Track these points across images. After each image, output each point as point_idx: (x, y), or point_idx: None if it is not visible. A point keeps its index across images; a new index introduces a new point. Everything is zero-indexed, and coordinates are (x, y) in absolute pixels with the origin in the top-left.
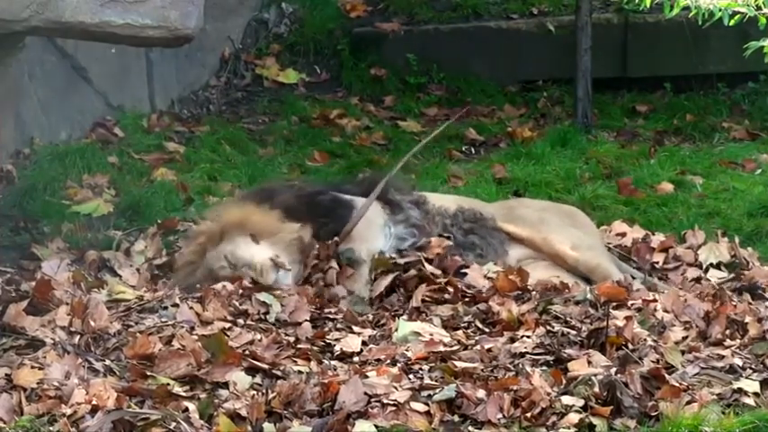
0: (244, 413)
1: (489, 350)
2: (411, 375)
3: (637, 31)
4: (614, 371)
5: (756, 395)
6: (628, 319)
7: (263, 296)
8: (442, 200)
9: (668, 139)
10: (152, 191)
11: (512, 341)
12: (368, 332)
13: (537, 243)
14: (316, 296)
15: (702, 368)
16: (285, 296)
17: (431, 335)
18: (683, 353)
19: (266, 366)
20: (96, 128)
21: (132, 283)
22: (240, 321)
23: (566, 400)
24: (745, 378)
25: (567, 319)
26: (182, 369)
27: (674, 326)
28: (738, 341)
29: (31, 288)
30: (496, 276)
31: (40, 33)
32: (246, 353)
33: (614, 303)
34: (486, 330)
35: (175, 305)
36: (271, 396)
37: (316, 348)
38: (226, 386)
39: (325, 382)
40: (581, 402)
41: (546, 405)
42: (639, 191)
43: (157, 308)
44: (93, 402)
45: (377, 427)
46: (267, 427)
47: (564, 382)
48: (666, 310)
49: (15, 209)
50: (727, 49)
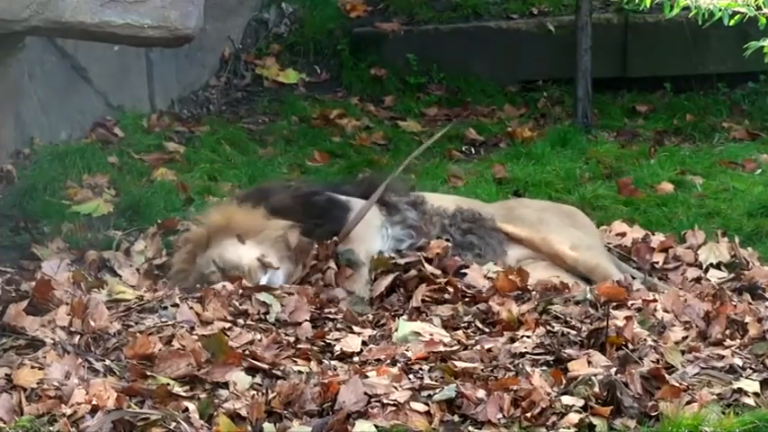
0: (244, 413)
1: (489, 350)
2: (411, 375)
3: (637, 31)
4: (614, 371)
5: (756, 395)
6: (628, 319)
7: (263, 296)
8: (440, 200)
9: (668, 139)
10: (152, 191)
11: (512, 341)
12: (368, 332)
13: (536, 243)
14: (315, 296)
15: (702, 368)
16: (285, 296)
17: (431, 335)
18: (683, 353)
19: (266, 366)
20: (96, 128)
21: (132, 283)
22: (240, 321)
23: (566, 400)
24: (745, 378)
25: (567, 319)
26: (182, 369)
27: (674, 326)
28: (738, 341)
29: (31, 288)
30: (496, 276)
31: (40, 33)
32: (246, 353)
33: (614, 303)
34: (486, 330)
35: (175, 305)
36: (271, 396)
37: (316, 348)
38: (226, 386)
39: (325, 382)
40: (581, 402)
41: (546, 405)
42: (639, 191)
43: (157, 308)
44: (93, 402)
45: (377, 427)
46: (267, 427)
47: (564, 382)
48: (666, 310)
49: (15, 209)
50: (727, 49)
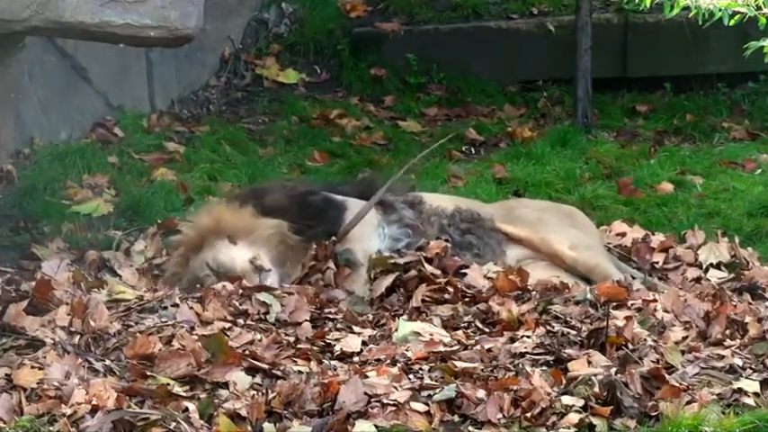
0: (244, 413)
1: (489, 350)
2: (411, 375)
3: (637, 31)
4: (614, 371)
5: (756, 395)
6: (628, 319)
7: (263, 296)
8: (438, 200)
9: (668, 139)
10: (152, 191)
11: (512, 341)
12: (368, 332)
13: (535, 243)
14: (315, 296)
15: (702, 368)
16: (285, 296)
17: (431, 335)
18: (683, 353)
19: (266, 366)
20: (96, 128)
21: (132, 283)
22: (240, 321)
23: (566, 400)
24: (745, 378)
25: (567, 319)
26: (182, 369)
27: (674, 326)
28: (738, 341)
29: (31, 288)
30: (496, 276)
31: (40, 33)
32: (246, 353)
33: (614, 303)
34: (486, 330)
35: (175, 305)
36: (271, 396)
37: (316, 348)
38: (226, 386)
39: (325, 382)
40: (581, 402)
41: (546, 405)
42: (639, 191)
43: (157, 308)
44: (93, 402)
45: (377, 427)
46: (267, 427)
47: (564, 382)
48: (666, 310)
49: (15, 209)
50: (727, 49)
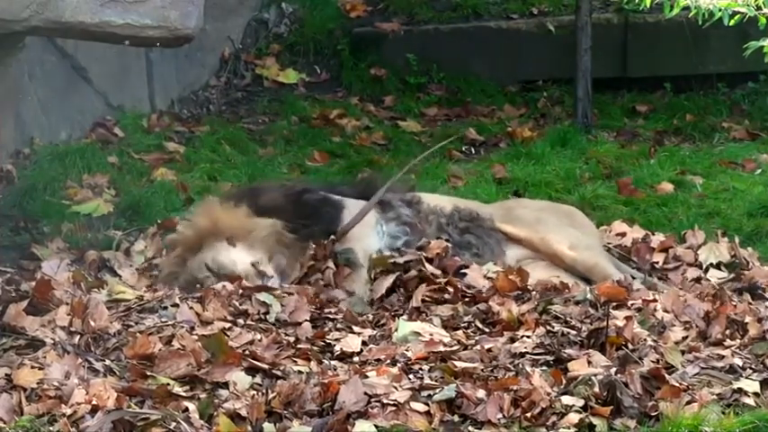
0: (244, 413)
1: (489, 350)
2: (411, 375)
3: (637, 31)
4: (614, 371)
5: (756, 395)
6: (628, 319)
7: (263, 296)
8: (437, 200)
9: (668, 139)
10: (152, 191)
11: (512, 341)
12: (368, 332)
13: (535, 243)
14: (315, 296)
15: (702, 368)
16: (285, 296)
17: (431, 335)
18: (683, 353)
19: (266, 366)
20: (96, 128)
21: (132, 283)
22: (240, 321)
23: (566, 400)
24: (745, 378)
25: (567, 319)
26: (182, 369)
27: (674, 326)
28: (738, 341)
29: (31, 288)
30: (496, 276)
31: (40, 33)
32: (246, 353)
33: (614, 303)
34: (486, 330)
35: (175, 305)
36: (271, 396)
37: (316, 348)
38: (226, 386)
39: (325, 382)
40: (581, 402)
41: (546, 405)
42: (639, 191)
43: (157, 308)
44: (93, 402)
45: (377, 427)
46: (267, 427)
47: (564, 382)
48: (666, 310)
49: (15, 209)
50: (727, 49)
